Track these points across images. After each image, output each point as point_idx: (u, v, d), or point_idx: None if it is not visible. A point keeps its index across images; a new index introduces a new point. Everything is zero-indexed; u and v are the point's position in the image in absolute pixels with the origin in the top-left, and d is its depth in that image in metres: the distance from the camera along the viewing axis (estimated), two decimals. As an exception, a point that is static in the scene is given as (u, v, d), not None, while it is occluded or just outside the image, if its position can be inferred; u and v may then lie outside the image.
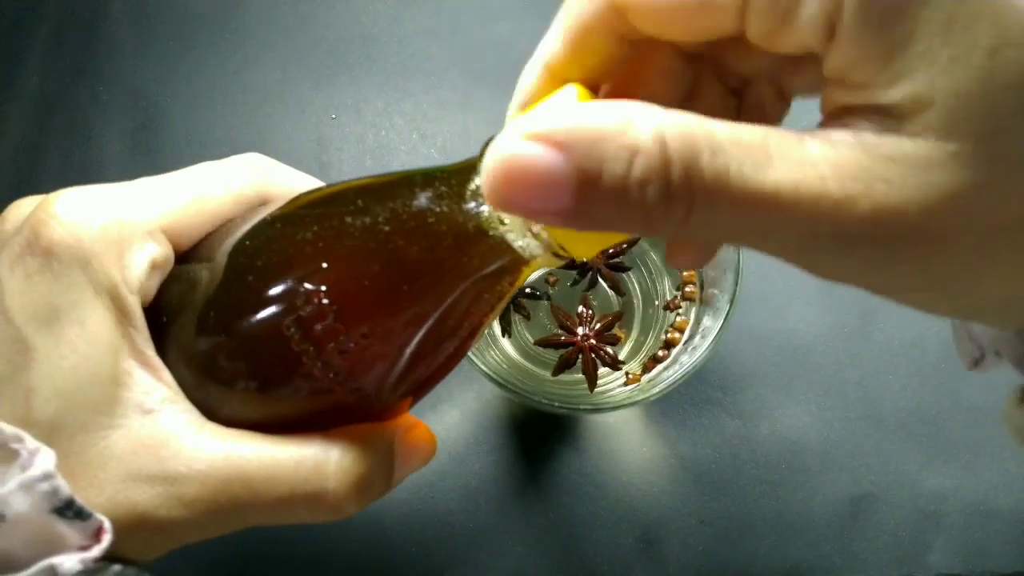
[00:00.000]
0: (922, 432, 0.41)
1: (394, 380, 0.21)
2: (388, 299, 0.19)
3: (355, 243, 0.19)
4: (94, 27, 0.48)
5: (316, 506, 0.21)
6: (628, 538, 0.39)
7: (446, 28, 0.48)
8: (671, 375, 0.34)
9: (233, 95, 0.47)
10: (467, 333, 0.21)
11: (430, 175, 0.20)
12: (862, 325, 0.42)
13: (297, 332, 0.19)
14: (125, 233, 0.20)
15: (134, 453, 0.19)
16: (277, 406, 0.21)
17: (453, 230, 0.19)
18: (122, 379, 0.20)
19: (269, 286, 0.20)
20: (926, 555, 0.39)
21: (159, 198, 0.22)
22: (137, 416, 0.20)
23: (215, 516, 0.20)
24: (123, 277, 0.20)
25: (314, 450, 0.21)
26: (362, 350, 0.20)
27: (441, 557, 0.39)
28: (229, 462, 0.20)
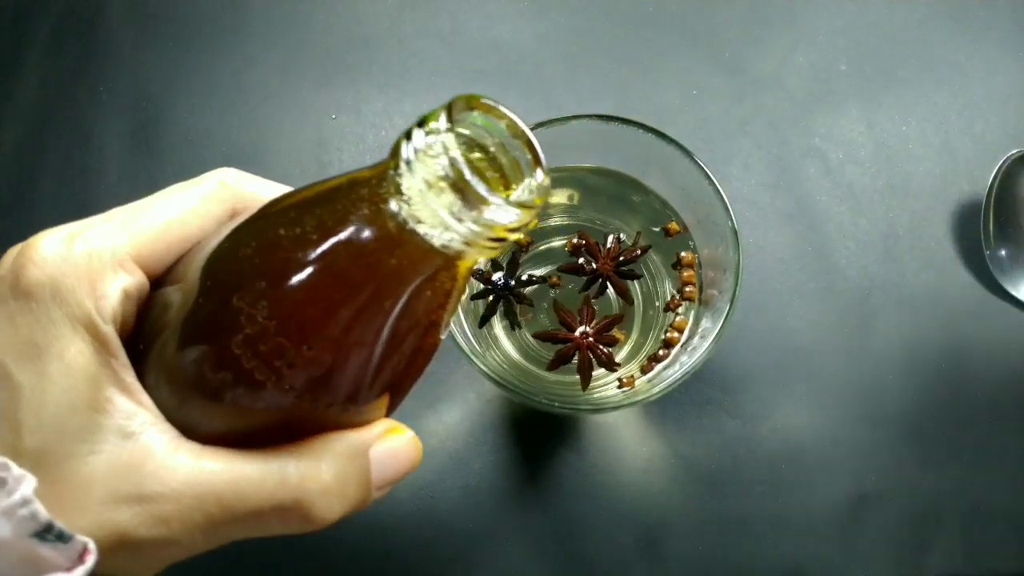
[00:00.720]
0: (922, 432, 0.41)
1: (354, 386, 0.21)
2: (326, 310, 0.19)
3: (286, 255, 0.19)
4: (94, 27, 0.48)
5: (287, 518, 0.21)
6: (628, 538, 0.39)
7: (446, 28, 0.48)
8: (670, 375, 0.34)
9: (233, 95, 0.47)
10: (421, 332, 0.21)
11: (353, 180, 0.20)
12: (862, 325, 0.42)
13: (246, 351, 0.20)
14: (95, 265, 0.21)
15: (115, 475, 0.20)
16: (245, 421, 0.21)
17: (375, 234, 0.19)
18: (102, 406, 0.20)
19: (217, 306, 0.20)
20: (926, 555, 0.39)
21: (128, 227, 0.22)
22: (118, 440, 0.20)
23: (192, 533, 0.21)
24: (96, 308, 0.21)
25: (278, 462, 0.21)
26: (309, 362, 0.20)
27: (441, 557, 0.39)
28: (201, 477, 0.20)
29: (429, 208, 0.18)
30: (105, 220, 0.22)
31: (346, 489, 0.22)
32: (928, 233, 0.44)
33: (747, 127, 0.46)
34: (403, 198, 0.18)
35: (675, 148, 0.34)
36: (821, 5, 0.49)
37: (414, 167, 0.18)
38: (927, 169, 0.45)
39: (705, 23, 0.48)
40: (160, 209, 0.23)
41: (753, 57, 0.47)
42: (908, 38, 0.48)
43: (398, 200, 0.18)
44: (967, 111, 0.46)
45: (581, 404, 0.35)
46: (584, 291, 0.38)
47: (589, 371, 0.37)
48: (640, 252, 0.38)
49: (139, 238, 0.22)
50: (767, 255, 0.44)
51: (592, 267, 0.38)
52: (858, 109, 0.46)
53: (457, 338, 0.33)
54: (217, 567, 0.39)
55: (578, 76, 0.47)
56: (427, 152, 0.18)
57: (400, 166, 0.18)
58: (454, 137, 0.18)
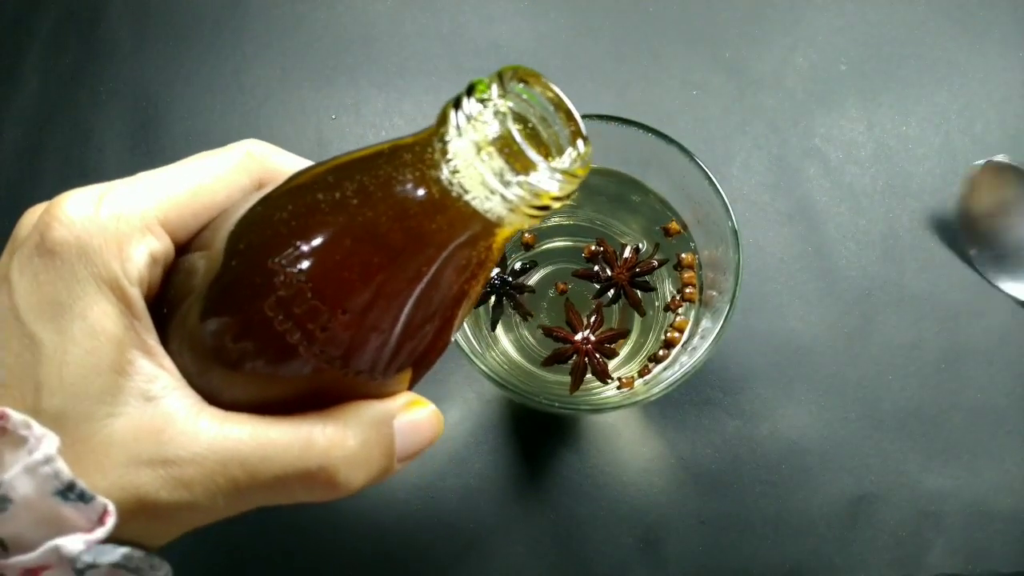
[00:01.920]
0: (922, 432, 0.41)
1: (384, 355, 0.21)
2: (363, 273, 0.19)
3: (325, 219, 0.20)
4: (94, 27, 0.48)
5: (312, 484, 0.21)
6: (628, 538, 0.39)
7: (446, 28, 0.48)
8: (670, 375, 0.34)
9: (233, 95, 0.47)
10: (451, 303, 0.21)
11: (396, 146, 0.20)
12: (862, 325, 0.42)
13: (279, 313, 0.20)
14: (123, 228, 0.21)
15: (136, 439, 0.20)
16: (271, 387, 0.21)
17: (418, 198, 0.19)
18: (124, 368, 0.21)
19: (250, 269, 0.20)
20: (926, 555, 0.39)
21: (156, 192, 0.22)
22: (139, 403, 0.20)
23: (215, 497, 0.21)
24: (123, 270, 0.21)
25: (305, 428, 0.21)
26: (344, 327, 0.20)
27: (441, 557, 0.39)
28: (226, 443, 0.21)
29: (477, 172, 0.19)
30: (132, 183, 0.23)
31: (371, 458, 0.22)
32: (928, 233, 0.44)
33: (747, 127, 0.46)
34: (450, 163, 0.19)
35: (675, 148, 0.34)
36: (821, 5, 0.49)
37: (464, 132, 0.19)
38: (927, 169, 0.45)
39: (705, 23, 0.48)
40: (188, 175, 0.23)
41: (753, 57, 0.47)
42: (908, 38, 0.48)
43: (444, 165, 0.19)
44: (967, 111, 0.46)
45: (581, 404, 0.35)
46: (597, 298, 0.38)
47: (581, 377, 0.37)
48: (657, 264, 0.38)
49: (167, 203, 0.22)
50: (767, 255, 0.44)
51: (607, 275, 0.38)
52: (858, 109, 0.46)
53: (457, 338, 0.33)
54: (217, 568, 0.39)
55: (578, 76, 0.47)
56: (478, 118, 0.19)
57: (449, 131, 0.19)
58: (506, 104, 0.19)
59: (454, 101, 0.19)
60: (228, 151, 0.24)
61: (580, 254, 0.39)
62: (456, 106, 0.19)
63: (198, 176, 0.23)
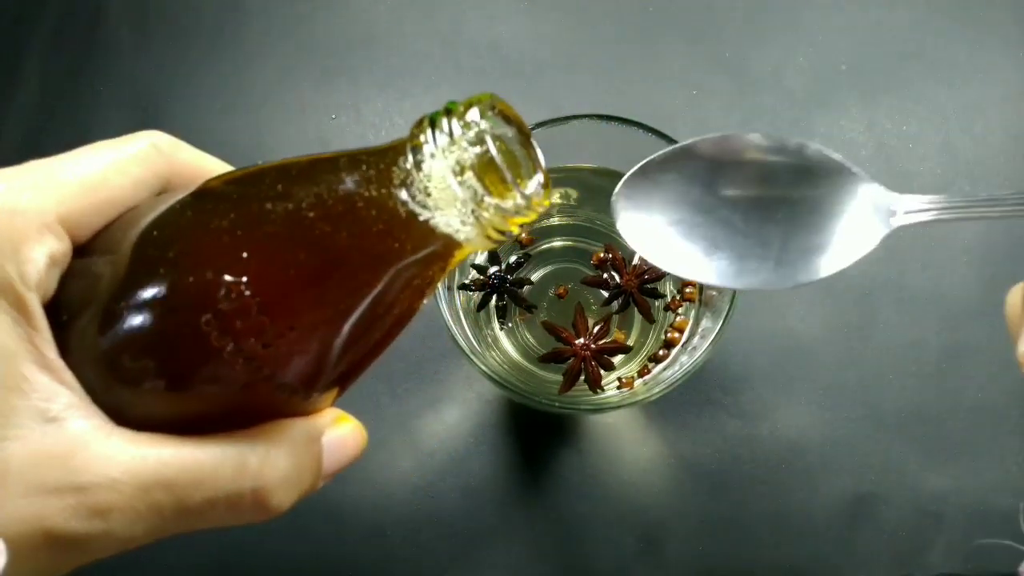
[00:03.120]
0: (922, 432, 0.41)
1: (321, 372, 0.20)
2: (315, 289, 0.19)
3: (277, 230, 0.19)
4: (94, 27, 0.48)
5: (241, 507, 0.20)
6: (628, 538, 0.39)
7: (446, 28, 0.48)
8: (670, 375, 0.34)
9: (233, 95, 0.47)
10: (399, 320, 0.21)
11: (355, 157, 0.19)
12: (862, 325, 0.42)
13: (216, 327, 0.18)
14: (19, 225, 0.19)
15: (38, 464, 0.18)
16: (195, 405, 0.20)
17: (383, 215, 0.19)
18: (19, 385, 0.18)
19: (183, 279, 0.19)
20: (926, 555, 0.39)
21: (55, 185, 0.20)
22: (37, 424, 0.18)
23: (134, 525, 0.19)
24: (19, 273, 0.19)
25: (236, 449, 0.20)
26: (288, 343, 0.19)
27: (441, 557, 0.39)
28: (147, 466, 0.19)
29: (452, 194, 0.19)
30: (24, 173, 0.20)
31: (301, 477, 0.21)
32: (928, 233, 0.44)
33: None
34: (423, 183, 0.19)
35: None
36: (821, 5, 0.49)
37: (444, 153, 0.19)
38: (927, 169, 0.45)
39: (705, 23, 0.48)
40: (89, 167, 0.21)
41: (753, 57, 0.47)
42: (908, 38, 0.48)
43: (416, 184, 0.19)
44: (967, 111, 0.46)
45: (581, 404, 0.35)
46: (605, 305, 0.38)
47: (574, 381, 0.37)
48: None
49: (67, 198, 0.20)
50: (767, 255, 0.44)
51: (617, 282, 0.38)
52: (858, 109, 0.46)
53: (457, 338, 0.33)
54: (217, 568, 0.39)
55: (578, 76, 0.47)
56: (457, 141, 0.19)
57: (424, 151, 0.19)
58: (491, 129, 0.19)
59: (429, 121, 0.19)
60: (131, 142, 0.22)
61: (579, 254, 0.39)
62: (432, 126, 0.19)
63: (101, 169, 0.21)
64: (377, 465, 0.40)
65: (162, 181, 0.22)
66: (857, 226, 0.23)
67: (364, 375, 0.22)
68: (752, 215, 0.24)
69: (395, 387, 0.41)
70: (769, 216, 0.24)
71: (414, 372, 0.42)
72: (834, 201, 0.24)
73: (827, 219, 0.24)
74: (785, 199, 0.24)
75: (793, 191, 0.24)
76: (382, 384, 0.41)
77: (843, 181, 0.24)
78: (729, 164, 0.25)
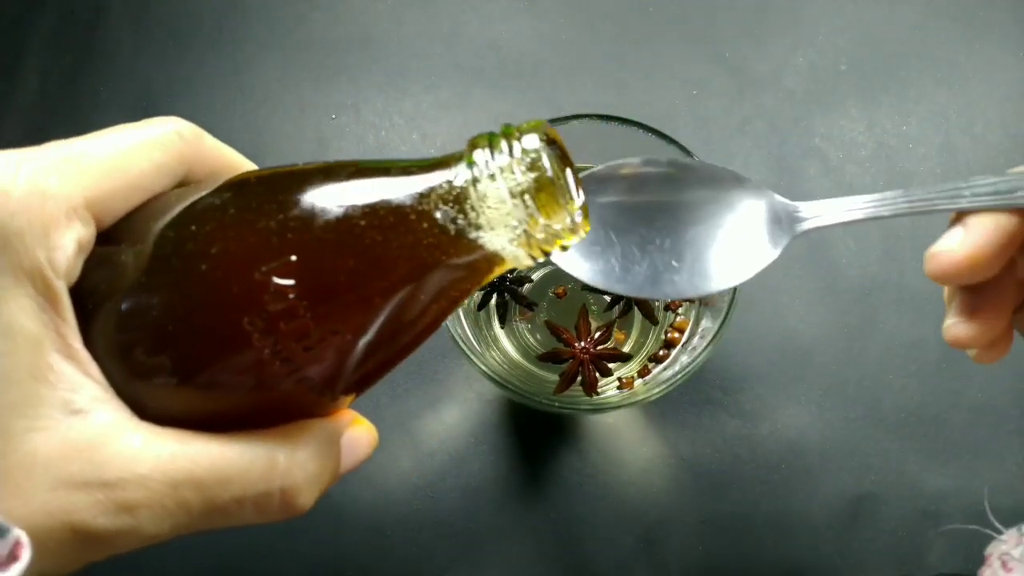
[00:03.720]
0: (922, 432, 0.41)
1: (352, 376, 0.21)
2: (361, 296, 0.19)
3: (327, 236, 0.19)
4: (94, 27, 0.48)
5: (267, 506, 0.20)
6: (628, 538, 0.39)
7: (446, 28, 0.48)
8: (670, 375, 0.34)
9: (233, 95, 0.47)
10: (428, 328, 0.21)
11: (407, 169, 0.20)
12: (862, 325, 0.42)
13: (260, 327, 0.18)
14: (49, 209, 0.18)
15: (64, 458, 0.18)
16: (221, 402, 0.20)
17: (434, 229, 0.19)
18: (45, 375, 0.18)
19: (227, 277, 0.19)
20: (926, 555, 0.39)
21: (81, 168, 0.19)
22: (63, 416, 0.18)
23: (160, 522, 0.19)
24: (48, 259, 0.18)
25: (265, 449, 0.20)
26: (328, 347, 0.19)
27: (441, 557, 0.39)
28: (176, 464, 0.19)
29: (502, 214, 0.19)
30: (51, 153, 0.19)
31: (324, 477, 0.21)
32: (928, 233, 0.44)
33: (747, 127, 0.46)
34: (474, 201, 0.19)
35: (675, 148, 0.34)
36: (821, 5, 0.49)
37: (504, 175, 0.19)
38: (927, 169, 0.45)
39: (705, 23, 0.48)
40: (117, 153, 0.20)
41: (753, 57, 0.47)
42: (908, 38, 0.48)
43: (466, 202, 0.19)
44: (967, 111, 0.46)
45: (581, 404, 0.35)
46: (608, 310, 0.38)
47: (570, 382, 0.37)
48: None
49: (96, 183, 0.19)
50: (767, 255, 0.44)
51: None
52: (858, 109, 0.46)
53: (457, 338, 0.33)
54: (216, 569, 0.39)
55: (578, 76, 0.47)
56: (513, 164, 0.19)
57: (478, 170, 0.19)
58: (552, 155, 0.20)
59: (488, 142, 0.20)
60: (154, 126, 0.21)
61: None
62: (490, 147, 0.20)
63: (129, 155, 0.20)
64: (377, 465, 0.40)
65: (184, 170, 0.21)
66: (761, 236, 0.25)
67: None
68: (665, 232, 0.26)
69: (395, 387, 0.41)
70: (681, 233, 0.26)
71: (414, 372, 0.42)
72: (741, 215, 0.25)
73: (734, 232, 0.25)
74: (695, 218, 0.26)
75: (701, 210, 0.26)
76: (382, 384, 0.41)
77: (746, 195, 0.25)
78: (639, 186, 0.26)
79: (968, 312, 0.23)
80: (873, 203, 0.23)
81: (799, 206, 0.25)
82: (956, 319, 0.23)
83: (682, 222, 0.26)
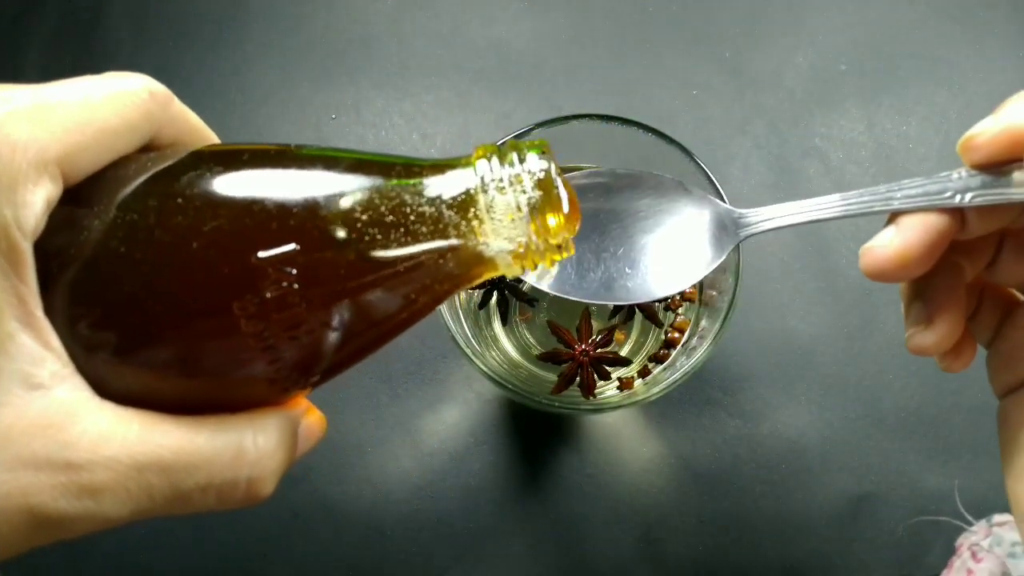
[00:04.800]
0: (922, 432, 0.41)
1: (332, 367, 0.20)
2: (356, 291, 0.19)
3: (329, 228, 0.19)
4: (94, 27, 0.48)
5: (231, 494, 0.19)
6: (628, 538, 0.39)
7: (446, 28, 0.48)
8: (670, 375, 0.34)
9: (233, 95, 0.47)
10: (404, 324, 0.21)
11: (410, 168, 0.20)
12: (862, 325, 0.42)
13: (251, 312, 0.18)
14: (18, 161, 0.17)
15: (25, 435, 0.17)
16: (191, 383, 0.19)
17: (435, 233, 0.19)
18: (3, 344, 0.17)
19: (221, 258, 0.18)
20: (926, 555, 0.39)
21: (53, 119, 0.18)
22: (23, 391, 0.17)
23: (122, 506, 0.18)
24: (15, 217, 0.16)
25: (234, 435, 0.19)
26: (315, 338, 0.19)
27: (441, 557, 0.39)
28: (143, 447, 0.18)
29: (506, 224, 0.20)
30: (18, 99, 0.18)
31: (284, 466, 0.21)
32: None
33: (747, 127, 0.46)
34: (479, 210, 0.20)
35: (675, 148, 0.34)
36: (821, 5, 0.49)
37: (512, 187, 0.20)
38: (927, 169, 0.45)
39: (705, 23, 0.48)
40: (89, 108, 0.19)
41: (753, 57, 0.47)
42: (908, 38, 0.48)
43: (470, 209, 0.20)
44: (967, 111, 0.46)
45: (581, 404, 0.35)
46: (611, 317, 0.38)
47: (568, 383, 0.37)
48: None
49: (66, 136, 0.18)
50: (767, 255, 0.44)
51: None
52: (858, 109, 0.46)
53: (457, 338, 0.33)
54: (216, 569, 0.39)
55: (578, 76, 0.47)
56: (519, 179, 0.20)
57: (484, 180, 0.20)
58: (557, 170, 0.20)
59: (495, 153, 0.20)
60: (126, 81, 0.20)
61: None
62: (499, 158, 0.20)
63: (100, 109, 0.19)
64: (377, 465, 0.40)
65: (152, 131, 0.20)
66: (707, 242, 0.26)
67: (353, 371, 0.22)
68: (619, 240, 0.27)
69: (395, 387, 0.41)
70: (634, 241, 0.27)
71: (414, 372, 0.42)
72: (688, 223, 0.27)
73: (682, 239, 0.27)
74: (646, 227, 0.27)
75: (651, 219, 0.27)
76: (382, 384, 0.41)
77: (691, 204, 0.27)
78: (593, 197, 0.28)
79: (925, 320, 0.24)
80: (813, 207, 0.24)
81: (743, 212, 0.26)
82: (915, 328, 0.24)
83: (634, 231, 0.27)
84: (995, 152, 0.22)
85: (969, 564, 0.31)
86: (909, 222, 0.23)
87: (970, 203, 0.23)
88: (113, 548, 0.39)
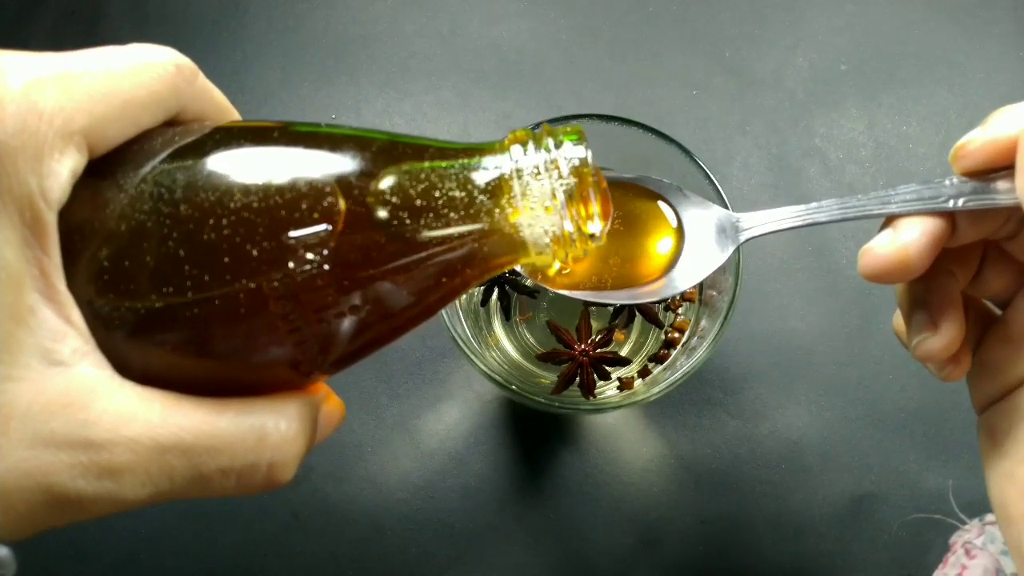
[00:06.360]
0: (922, 432, 0.41)
1: (356, 354, 0.20)
2: (388, 275, 0.19)
3: (362, 210, 0.18)
4: (94, 27, 0.48)
5: (251, 479, 0.19)
6: (628, 538, 0.39)
7: (446, 28, 0.48)
8: (670, 375, 0.34)
9: (233, 95, 0.46)
10: (428, 311, 0.21)
11: (443, 152, 0.20)
12: (862, 325, 0.42)
13: (281, 293, 0.18)
14: (45, 131, 0.16)
15: (46, 412, 0.16)
16: (214, 364, 0.19)
17: (468, 218, 0.19)
18: (24, 317, 0.16)
19: (255, 236, 0.17)
20: (926, 555, 0.39)
21: (83, 87, 0.17)
22: (43, 367, 0.16)
23: (141, 488, 0.17)
24: (40, 187, 0.16)
25: (257, 419, 0.19)
26: (342, 322, 0.19)
27: (441, 557, 0.39)
28: (166, 429, 0.17)
29: (539, 212, 0.20)
30: (48, 68, 0.17)
31: (305, 451, 0.20)
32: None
33: (747, 127, 0.46)
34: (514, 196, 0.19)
35: (675, 148, 0.34)
36: (821, 5, 0.49)
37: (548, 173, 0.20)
38: (927, 169, 0.45)
39: (705, 23, 0.48)
40: (115, 76, 0.18)
41: (753, 57, 0.47)
42: (908, 38, 0.48)
43: (504, 195, 0.19)
44: (967, 111, 0.46)
45: (581, 404, 0.35)
46: (613, 320, 0.38)
47: (567, 383, 0.37)
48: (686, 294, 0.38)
49: (93, 106, 0.17)
50: (767, 255, 0.44)
51: None
52: (858, 109, 0.46)
53: (457, 338, 0.33)
54: (214, 569, 0.39)
55: (578, 76, 0.47)
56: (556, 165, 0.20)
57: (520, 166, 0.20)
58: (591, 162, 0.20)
59: (534, 143, 0.20)
60: (152, 53, 0.19)
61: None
62: (548, 148, 0.20)
63: (126, 79, 0.18)
64: (377, 465, 0.40)
65: (177, 107, 0.20)
66: (712, 243, 0.27)
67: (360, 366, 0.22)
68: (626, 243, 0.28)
69: (395, 387, 0.41)
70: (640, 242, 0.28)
71: (414, 372, 0.42)
72: (694, 226, 0.28)
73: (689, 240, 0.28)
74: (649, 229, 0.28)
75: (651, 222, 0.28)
76: (382, 384, 0.41)
77: (695, 208, 0.28)
78: None
79: (931, 326, 0.24)
80: (810, 211, 0.25)
81: (741, 217, 0.26)
82: (921, 336, 0.24)
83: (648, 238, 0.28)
84: (983, 160, 0.23)
85: (963, 560, 0.31)
86: (907, 225, 0.23)
87: (963, 207, 0.23)
88: (114, 548, 0.39)
